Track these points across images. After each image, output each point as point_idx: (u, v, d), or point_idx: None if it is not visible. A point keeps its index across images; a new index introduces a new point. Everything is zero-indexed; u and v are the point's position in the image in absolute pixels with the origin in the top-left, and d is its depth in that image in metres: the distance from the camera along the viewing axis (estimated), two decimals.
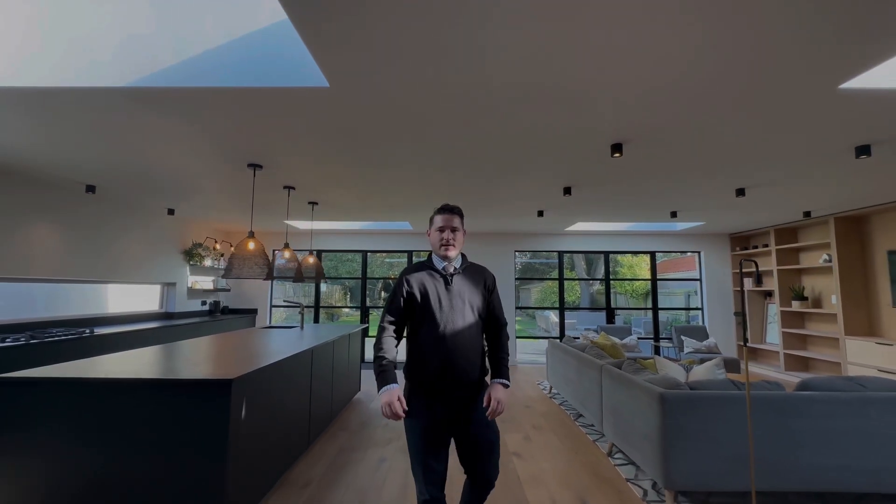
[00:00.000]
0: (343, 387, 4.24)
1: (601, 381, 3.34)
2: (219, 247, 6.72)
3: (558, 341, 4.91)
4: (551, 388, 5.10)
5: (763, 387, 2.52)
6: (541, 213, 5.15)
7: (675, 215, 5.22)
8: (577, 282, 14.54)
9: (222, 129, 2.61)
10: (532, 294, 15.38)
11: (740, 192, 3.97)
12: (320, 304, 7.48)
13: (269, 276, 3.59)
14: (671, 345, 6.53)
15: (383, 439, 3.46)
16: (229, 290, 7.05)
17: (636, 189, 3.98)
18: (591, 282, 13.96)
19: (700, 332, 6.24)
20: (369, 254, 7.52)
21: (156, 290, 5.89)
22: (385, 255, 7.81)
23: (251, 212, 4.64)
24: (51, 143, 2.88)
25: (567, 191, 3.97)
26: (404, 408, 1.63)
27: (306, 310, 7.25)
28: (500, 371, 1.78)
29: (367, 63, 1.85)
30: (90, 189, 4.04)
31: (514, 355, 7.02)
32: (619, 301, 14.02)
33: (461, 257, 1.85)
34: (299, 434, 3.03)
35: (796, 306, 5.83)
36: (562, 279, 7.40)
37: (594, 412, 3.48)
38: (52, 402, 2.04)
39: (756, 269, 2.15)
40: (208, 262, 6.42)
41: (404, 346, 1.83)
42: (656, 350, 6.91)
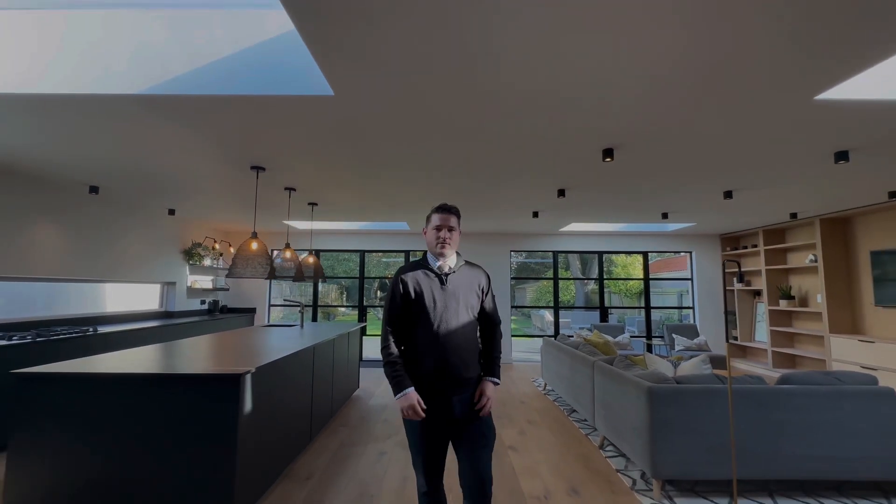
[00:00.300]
0: (343, 384, 4.34)
1: (593, 377, 3.46)
2: (218, 246, 6.79)
3: (553, 339, 5.03)
4: (546, 385, 5.22)
5: (746, 381, 2.65)
6: (536, 214, 5.27)
7: (666, 216, 5.36)
8: (571, 281, 14.71)
9: (229, 134, 2.70)
10: (528, 293, 15.54)
11: (728, 195, 4.10)
12: (318, 304, 7.56)
13: (270, 276, 3.68)
14: (663, 343, 6.67)
15: (383, 434, 3.56)
16: (228, 290, 7.11)
17: (628, 191, 4.11)
18: (585, 281, 14.15)
19: (691, 331, 6.39)
20: (366, 253, 7.61)
21: (155, 289, 5.95)
22: (382, 254, 7.90)
23: (254, 213, 4.73)
24: (59, 146, 2.96)
25: (561, 193, 4.09)
26: (423, 407, 1.67)
27: (304, 309, 7.32)
28: (491, 369, 1.82)
29: (370, 73, 1.95)
30: (93, 190, 4.11)
31: (509, 353, 7.14)
32: (614, 300, 14.20)
33: (457, 256, 1.86)
34: (302, 429, 3.12)
35: (784, 305, 5.99)
36: (556, 279, 7.53)
37: (586, 407, 3.60)
38: (69, 396, 2.12)
39: (738, 269, 2.28)
40: (207, 262, 6.49)
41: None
42: (648, 348, 7.05)
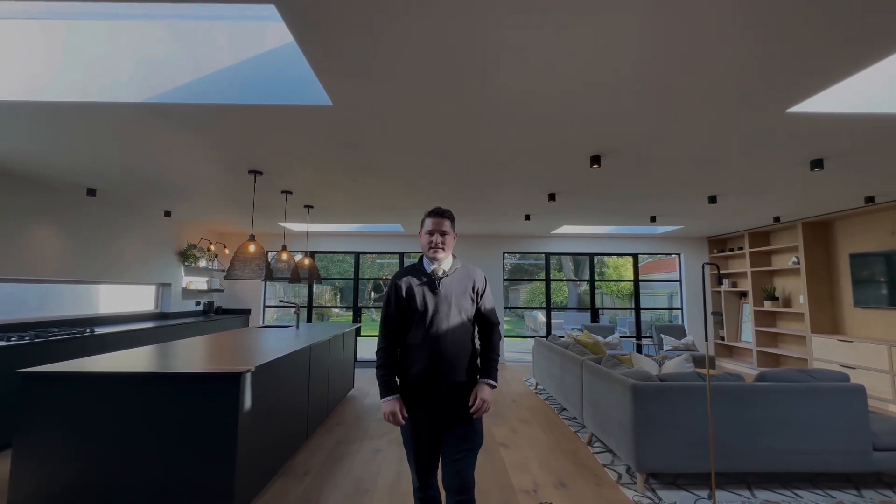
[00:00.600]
0: (338, 383, 4.41)
1: (582, 375, 3.57)
2: (213, 248, 6.83)
3: (544, 340, 5.15)
4: (537, 385, 5.33)
5: (725, 378, 2.77)
6: (528, 217, 5.39)
7: (654, 220, 5.50)
8: (564, 282, 14.87)
9: (228, 141, 2.78)
10: (521, 294, 15.67)
11: (712, 200, 4.24)
12: (313, 305, 7.62)
13: (267, 277, 3.75)
14: (652, 343, 6.82)
15: (377, 432, 3.64)
16: (223, 291, 7.15)
17: (616, 196, 4.24)
18: (578, 283, 14.31)
19: (678, 331, 6.54)
20: (361, 255, 7.69)
21: (150, 290, 5.98)
22: (376, 255, 7.97)
23: (252, 216, 4.79)
24: (60, 151, 3.01)
25: (552, 197, 4.21)
26: (405, 415, 1.71)
27: (299, 310, 7.37)
28: (487, 371, 1.80)
29: (368, 84, 2.05)
30: (91, 192, 4.15)
31: (503, 354, 7.25)
32: (606, 301, 14.38)
33: (452, 260, 1.86)
34: (298, 427, 3.20)
35: (768, 306, 6.17)
36: (548, 280, 7.66)
37: (576, 405, 3.71)
38: (73, 395, 2.19)
39: (718, 272, 2.40)
40: (203, 263, 6.52)
41: None
42: (638, 348, 7.20)
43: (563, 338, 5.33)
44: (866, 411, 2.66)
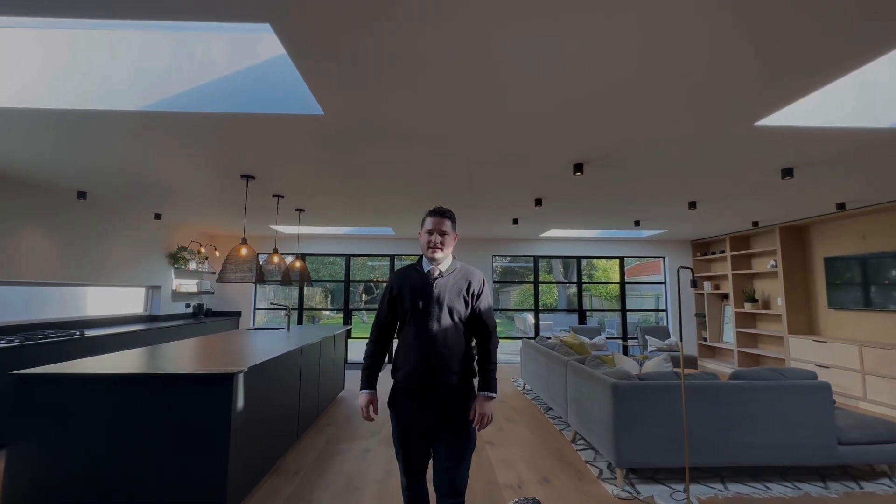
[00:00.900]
0: (329, 385, 4.47)
1: (566, 375, 3.69)
2: (203, 250, 6.83)
3: (531, 341, 5.26)
4: (525, 385, 5.45)
5: (701, 377, 2.91)
6: (515, 221, 5.51)
7: (638, 224, 5.66)
8: (554, 285, 15.06)
9: (223, 147, 2.84)
10: (512, 296, 15.83)
11: (692, 205, 4.41)
12: (304, 307, 7.65)
13: (259, 280, 3.81)
14: (638, 344, 6.98)
15: (367, 432, 3.71)
16: (213, 293, 7.15)
17: (600, 201, 4.37)
18: (567, 285, 14.51)
19: (663, 332, 6.71)
20: (352, 257, 7.74)
21: (140, 292, 5.97)
22: (367, 258, 8.04)
23: (244, 219, 4.84)
24: (53, 156, 3.04)
25: (538, 202, 4.33)
26: (375, 413, 1.77)
27: (290, 312, 7.41)
28: (485, 383, 1.76)
29: (358, 95, 2.14)
30: (81, 195, 4.16)
31: None
32: (595, 303, 14.60)
33: (451, 260, 1.84)
34: (289, 427, 3.26)
35: (748, 308, 6.37)
36: (536, 282, 7.80)
37: (561, 404, 3.82)
38: (68, 396, 2.23)
39: (693, 276, 2.53)
40: (193, 266, 6.53)
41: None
42: (624, 349, 7.36)
43: (550, 339, 5.45)
44: (832, 408, 2.81)
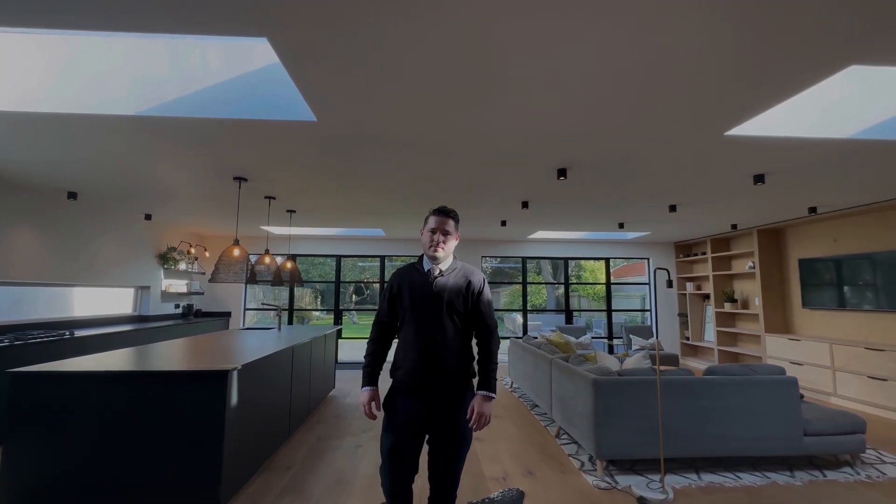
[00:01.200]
0: (319, 384, 4.54)
1: (551, 373, 3.81)
2: (193, 251, 6.83)
3: (519, 340, 5.39)
4: (512, 383, 5.57)
5: (677, 373, 3.05)
6: (504, 223, 5.64)
7: (622, 226, 5.83)
8: (543, 285, 15.27)
9: (217, 151, 2.91)
10: (501, 297, 15.99)
11: (672, 209, 4.58)
12: (294, 307, 7.69)
13: (251, 281, 3.87)
14: (622, 343, 7.16)
15: (358, 429, 3.80)
16: (203, 294, 7.14)
17: (584, 204, 4.52)
18: (556, 285, 14.72)
19: (646, 331, 6.90)
20: (342, 258, 7.80)
21: (129, 293, 5.96)
22: (357, 258, 8.10)
23: (236, 220, 4.88)
24: (47, 158, 3.07)
25: (525, 205, 4.46)
26: (377, 409, 1.77)
27: (281, 312, 7.44)
28: (484, 382, 1.75)
29: (351, 104, 2.23)
30: (72, 195, 4.17)
31: None
32: (583, 303, 14.84)
33: (452, 260, 1.85)
34: (281, 424, 3.33)
35: (728, 308, 6.59)
36: (525, 283, 7.94)
37: (546, 401, 3.95)
38: (65, 394, 2.28)
39: (668, 277, 2.67)
40: (182, 266, 6.53)
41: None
42: (609, 348, 7.54)
43: (536, 338, 5.59)
44: (798, 401, 2.98)
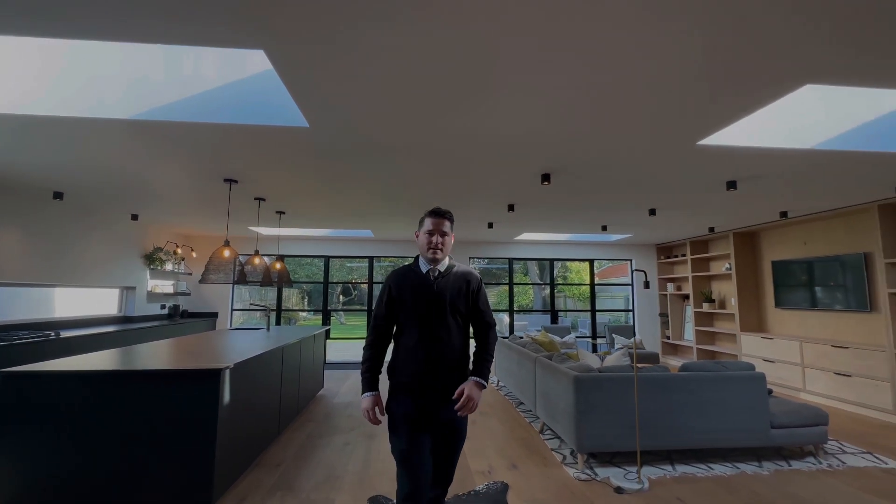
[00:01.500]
0: (308, 383, 4.59)
1: (535, 370, 3.94)
2: (180, 251, 6.79)
3: (505, 339, 5.52)
4: (498, 382, 5.70)
5: (654, 370, 3.20)
6: (490, 225, 5.77)
7: (605, 229, 6.01)
8: (530, 286, 15.47)
9: (209, 155, 2.96)
10: (490, 298, 16.16)
11: (652, 212, 4.76)
12: (282, 308, 7.69)
13: (240, 281, 3.91)
14: (605, 342, 7.35)
15: (347, 427, 3.87)
16: (189, 294, 7.10)
17: (568, 207, 4.67)
18: (542, 286, 14.94)
19: (629, 331, 7.10)
20: (331, 259, 7.83)
21: (114, 293, 5.91)
22: (346, 259, 8.15)
23: (227, 222, 4.91)
24: (36, 159, 3.07)
25: (511, 208, 4.59)
26: (382, 414, 1.74)
27: (269, 313, 7.44)
28: (478, 369, 1.76)
29: (343, 111, 2.32)
30: (58, 195, 4.15)
31: None
32: (569, 304, 15.09)
33: (448, 260, 1.86)
34: (271, 423, 3.38)
35: (706, 308, 6.83)
36: (511, 283, 8.09)
37: (530, 398, 4.08)
38: (54, 394, 2.31)
39: (645, 278, 2.81)
40: (169, 266, 6.49)
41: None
42: (593, 347, 7.72)
43: (522, 338, 5.72)
44: (766, 395, 3.15)
